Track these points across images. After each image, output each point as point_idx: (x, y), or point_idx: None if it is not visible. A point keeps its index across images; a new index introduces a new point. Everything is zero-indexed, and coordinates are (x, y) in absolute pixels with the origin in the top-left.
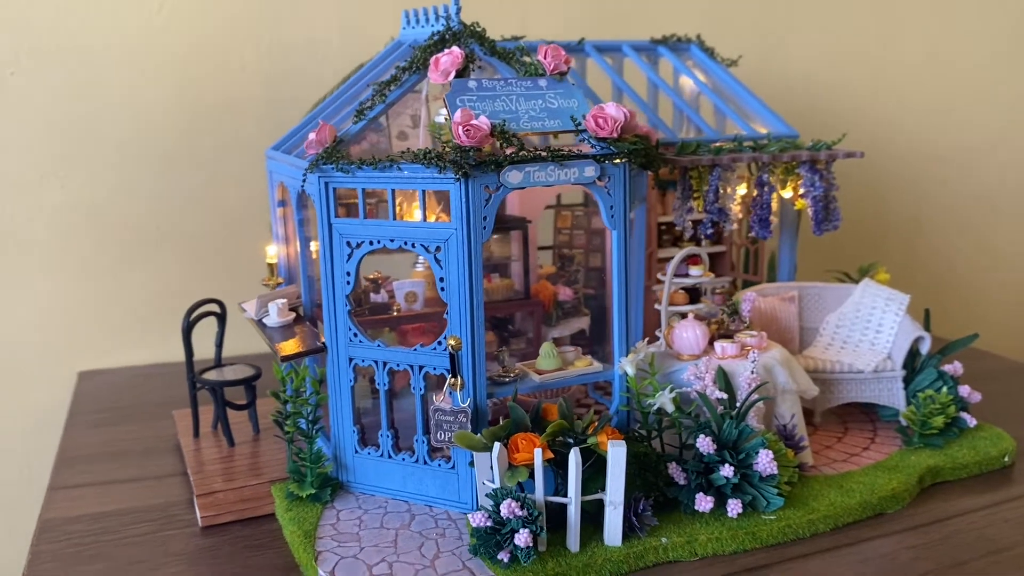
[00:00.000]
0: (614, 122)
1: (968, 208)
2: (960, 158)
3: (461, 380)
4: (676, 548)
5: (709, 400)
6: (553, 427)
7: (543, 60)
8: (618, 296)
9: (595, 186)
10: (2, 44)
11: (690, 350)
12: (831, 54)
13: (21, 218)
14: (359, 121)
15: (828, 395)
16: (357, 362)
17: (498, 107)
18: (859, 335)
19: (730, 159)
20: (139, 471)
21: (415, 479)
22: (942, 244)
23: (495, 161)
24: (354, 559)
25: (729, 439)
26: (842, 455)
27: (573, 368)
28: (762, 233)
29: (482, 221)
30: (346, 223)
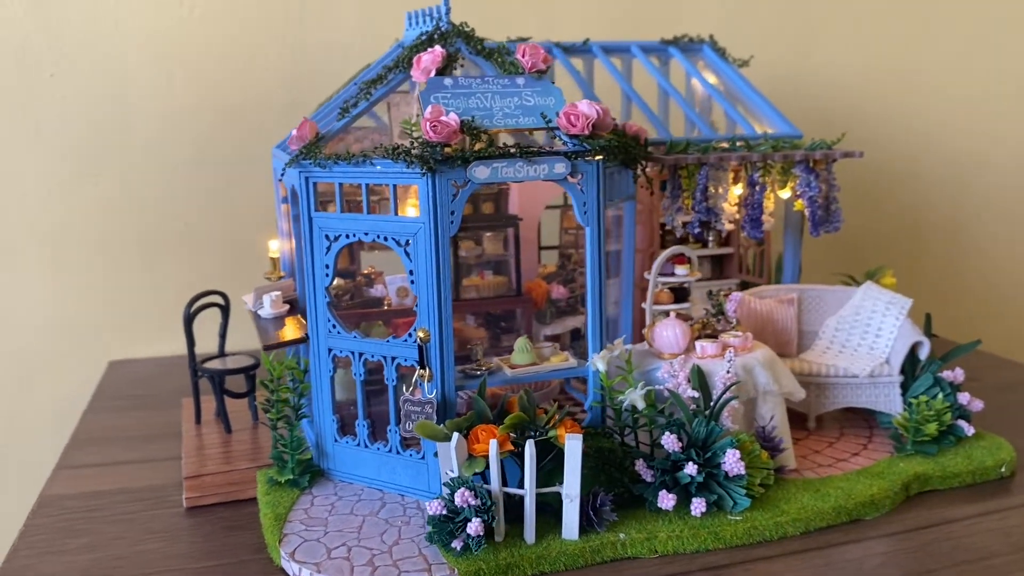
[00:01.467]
0: (586, 119)
1: (1001, 212)
2: (997, 162)
3: (429, 371)
4: (635, 544)
5: (680, 398)
6: (511, 419)
7: (521, 59)
8: (591, 292)
9: (567, 183)
10: (42, 47)
11: (670, 348)
12: (858, 61)
13: (60, 214)
14: (343, 119)
15: (823, 400)
16: (336, 353)
17: (472, 104)
18: (858, 339)
19: (717, 158)
20: (142, 454)
21: (388, 468)
22: (971, 249)
23: (461, 156)
24: (316, 542)
25: (697, 438)
26: (829, 460)
27: (547, 363)
28: (753, 233)
29: (449, 216)
30: (324, 217)
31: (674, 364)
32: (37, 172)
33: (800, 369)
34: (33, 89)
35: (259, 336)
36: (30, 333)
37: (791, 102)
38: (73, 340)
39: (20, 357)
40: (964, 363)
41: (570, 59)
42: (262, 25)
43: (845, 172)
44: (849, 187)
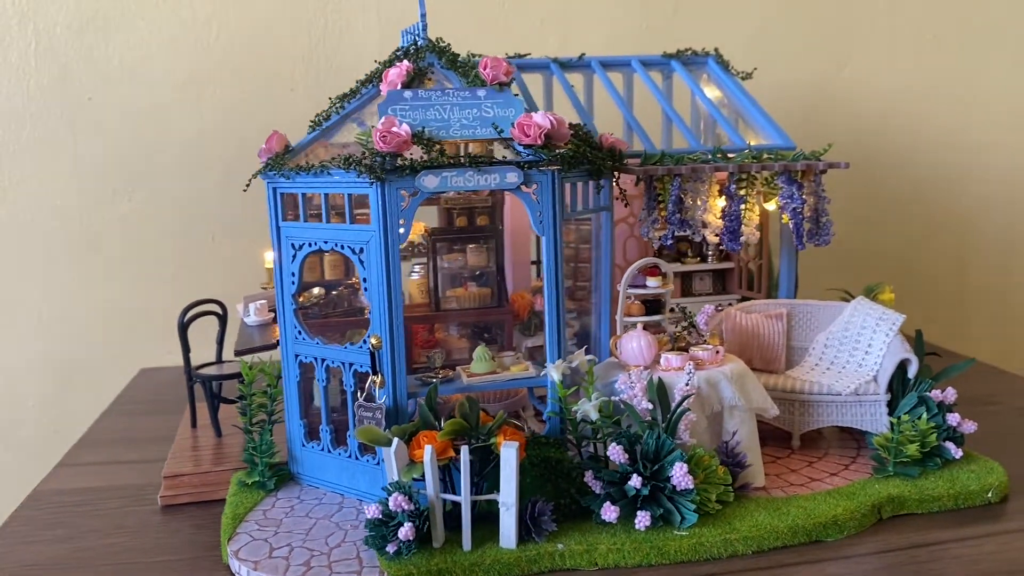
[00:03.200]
0: (539, 129)
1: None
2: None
3: (381, 377)
4: (574, 556)
5: (634, 409)
6: (450, 425)
7: (483, 72)
8: (549, 302)
9: (521, 192)
10: (82, 72)
11: (635, 360)
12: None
13: (97, 228)
14: (313, 131)
15: (807, 418)
16: (302, 358)
17: (430, 116)
18: (847, 356)
19: (689, 169)
20: (140, 455)
21: (348, 473)
22: (985, 267)
23: (410, 166)
24: (263, 541)
25: (648, 450)
26: (803, 479)
27: (506, 372)
28: (731, 246)
29: (399, 224)
30: (290, 226)
31: (632, 375)
32: (77, 188)
33: (784, 386)
34: (74, 111)
35: (237, 341)
36: (70, 341)
37: (820, 115)
38: (109, 348)
39: (59, 364)
40: (985, 385)
41: (569, 75)
42: (285, 46)
43: (864, 186)
44: (869, 201)
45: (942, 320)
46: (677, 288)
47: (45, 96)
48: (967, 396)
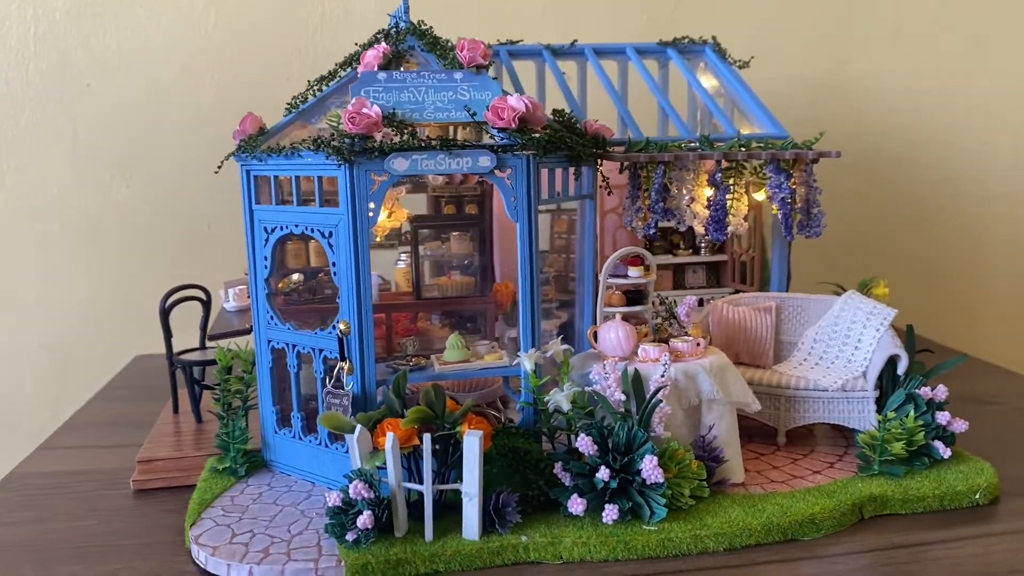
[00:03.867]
0: (513, 112)
1: None
2: None
3: (349, 364)
4: (538, 549)
5: (607, 400)
6: (414, 413)
7: (460, 54)
8: (523, 289)
9: (495, 177)
10: (80, 59)
11: (613, 351)
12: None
13: (94, 215)
14: (289, 114)
15: (792, 414)
16: (274, 344)
17: (403, 98)
18: (836, 351)
19: (673, 156)
20: (121, 440)
21: (319, 461)
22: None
23: (378, 148)
24: (226, 527)
25: (618, 442)
26: (785, 476)
27: (479, 361)
28: (716, 236)
29: (368, 208)
30: (263, 209)
31: (606, 366)
32: (74, 174)
33: (770, 381)
34: (72, 97)
35: (212, 327)
36: (66, 327)
37: (825, 108)
38: (105, 334)
39: (56, 349)
40: (989, 383)
41: (564, 62)
42: (283, 34)
43: (871, 179)
44: (875, 194)
45: (950, 317)
46: (669, 280)
47: (44, 81)
48: (968, 394)
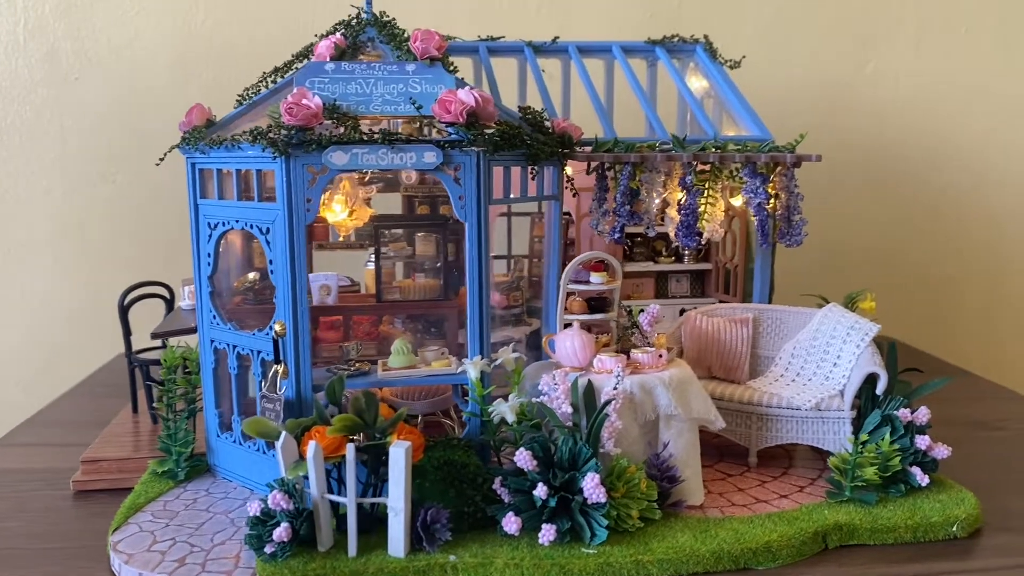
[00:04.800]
0: (461, 106)
1: None
2: None
3: (284, 367)
4: (467, 569)
5: (554, 413)
6: (341, 421)
7: (412, 45)
8: (472, 294)
9: (442, 174)
10: (68, 51)
11: (569, 361)
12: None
13: (81, 210)
14: (239, 106)
15: (764, 433)
16: (216, 344)
17: (350, 90)
18: (814, 367)
19: (639, 157)
20: (78, 438)
21: (257, 468)
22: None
23: (316, 140)
24: (149, 534)
25: (561, 458)
26: (749, 500)
27: (426, 368)
28: (686, 242)
29: (305, 203)
30: (208, 204)
31: (556, 376)
32: (61, 169)
33: (742, 397)
34: (59, 91)
35: (161, 324)
36: (53, 323)
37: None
38: (91, 331)
39: (42, 346)
40: (997, 407)
41: (549, 60)
42: (272, 30)
43: (886, 184)
44: (887, 203)
45: (969, 338)
46: (651, 288)
47: (33, 75)
48: (973, 418)
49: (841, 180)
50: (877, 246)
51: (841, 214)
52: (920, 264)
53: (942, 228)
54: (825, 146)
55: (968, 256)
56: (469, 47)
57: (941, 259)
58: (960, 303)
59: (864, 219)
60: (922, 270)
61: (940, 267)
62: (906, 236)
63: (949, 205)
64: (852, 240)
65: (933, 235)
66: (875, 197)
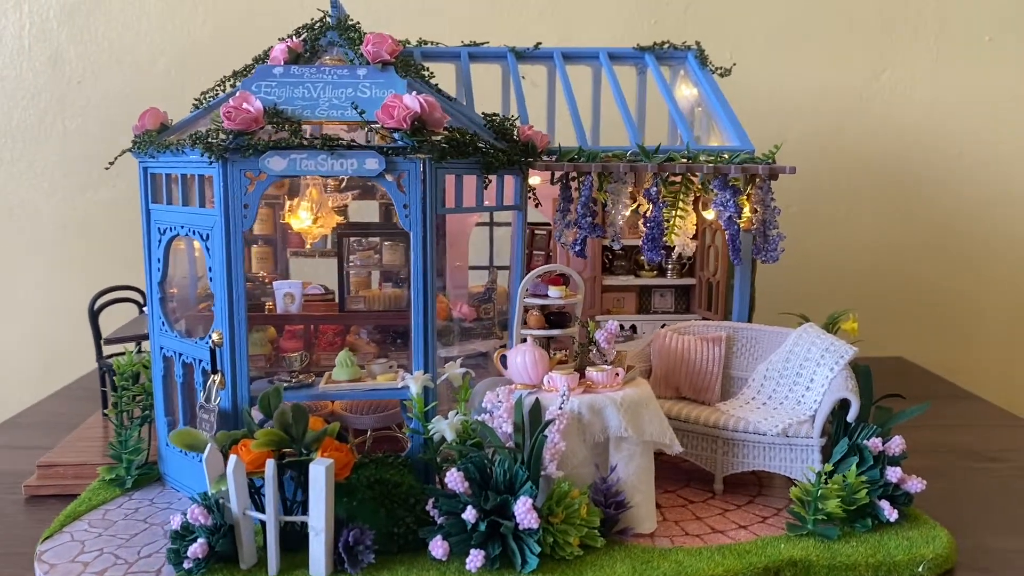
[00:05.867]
0: (405, 111)
1: None
2: None
3: (221, 377)
4: None
5: (494, 432)
6: (265, 435)
7: (365, 49)
8: (416, 305)
9: (385, 181)
10: (72, 56)
11: (520, 378)
12: None
13: (83, 212)
14: (196, 110)
15: (731, 459)
16: (165, 352)
17: (297, 94)
18: (787, 390)
19: (600, 166)
20: (47, 441)
21: (200, 479)
22: None
23: (253, 145)
24: (79, 544)
25: (496, 480)
26: (704, 529)
27: (371, 382)
28: (651, 256)
29: (243, 209)
30: (158, 209)
31: (499, 393)
32: (64, 171)
33: (708, 420)
34: (63, 94)
35: (117, 330)
36: (53, 325)
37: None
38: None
39: (42, 347)
40: (998, 437)
41: (534, 66)
42: (271, 32)
43: (898, 198)
44: (894, 213)
45: (979, 357)
46: (633, 303)
47: (37, 79)
48: (971, 448)
49: (852, 193)
50: (888, 262)
51: (851, 229)
52: (934, 282)
53: (958, 244)
54: (835, 158)
55: (986, 275)
56: (451, 53)
57: (957, 277)
58: (978, 324)
59: (875, 233)
60: (936, 288)
61: (955, 286)
62: (920, 252)
63: (966, 221)
64: (862, 256)
65: (948, 251)
66: (887, 211)
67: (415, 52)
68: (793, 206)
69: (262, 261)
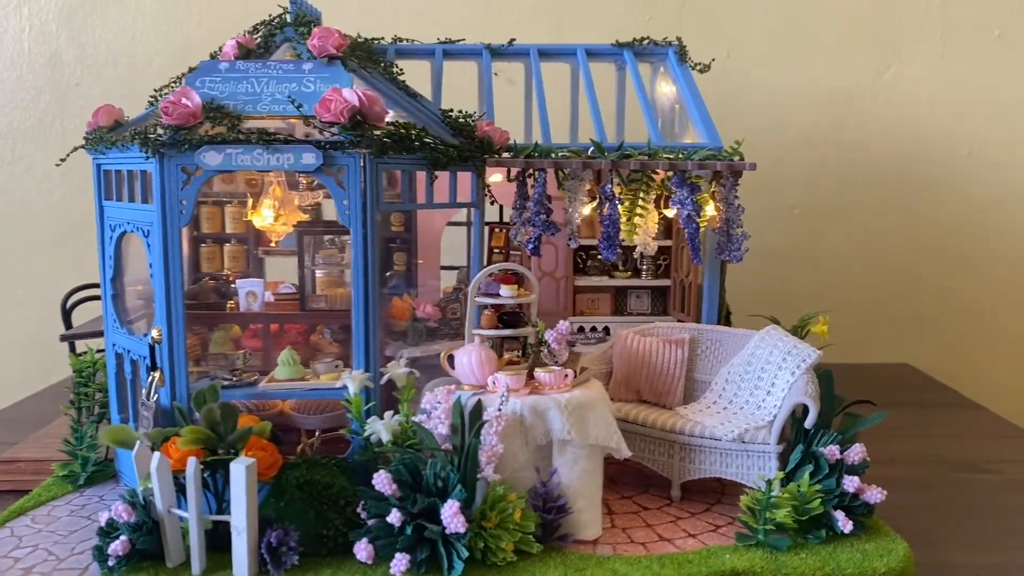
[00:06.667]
0: (341, 105)
1: None
2: None
3: (160, 374)
4: None
5: (430, 433)
6: (190, 433)
7: (311, 43)
8: (357, 303)
9: (324, 176)
10: (71, 58)
11: (467, 378)
12: None
13: (83, 214)
14: (151, 106)
15: (688, 465)
16: (117, 348)
17: (240, 89)
18: (747, 394)
19: (552, 163)
20: (16, 437)
21: None
22: None
23: (188, 140)
24: (17, 539)
25: (428, 483)
26: (652, 538)
27: (313, 381)
28: (606, 255)
29: (179, 205)
30: (109, 206)
31: (438, 393)
32: (63, 171)
33: (665, 424)
34: (62, 96)
35: (80, 326)
36: (52, 325)
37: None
38: None
39: (41, 347)
40: (997, 448)
41: (511, 63)
42: None
43: (906, 199)
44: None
45: (991, 365)
46: (608, 304)
47: (37, 81)
48: (959, 458)
49: (855, 194)
50: (894, 265)
51: (855, 230)
52: (941, 286)
53: (967, 247)
54: (836, 158)
55: (996, 279)
56: (426, 50)
57: (965, 282)
58: (987, 331)
59: (880, 235)
60: (944, 293)
61: (964, 290)
62: (927, 255)
63: (976, 224)
64: (867, 259)
65: (957, 255)
66: (893, 212)
67: (389, 50)
68: (796, 207)
69: (234, 260)
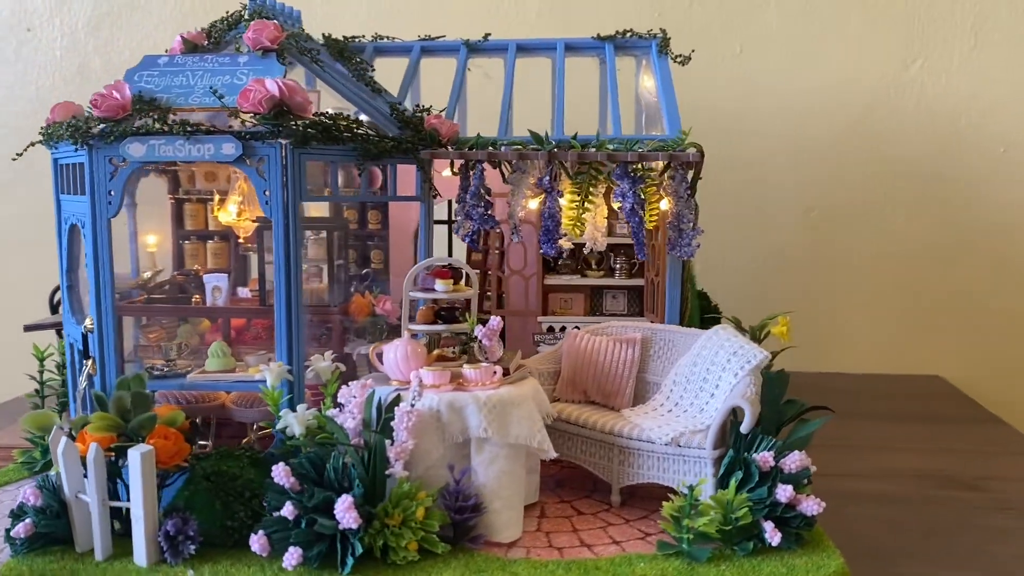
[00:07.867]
0: (260, 95)
1: None
2: None
3: (92, 363)
4: None
5: (340, 428)
6: (99, 420)
7: (246, 36)
8: (280, 296)
9: (245, 166)
10: (98, 66)
11: (393, 373)
12: None
13: None
14: None
15: (627, 469)
16: (70, 339)
17: (175, 82)
18: (692, 397)
19: (487, 154)
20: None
21: None
22: None
23: (113, 132)
24: None
25: (330, 477)
26: (572, 543)
27: (239, 373)
28: (546, 250)
29: (107, 196)
30: (64, 200)
31: (352, 387)
32: None
33: (604, 426)
34: None
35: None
36: None
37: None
38: None
39: None
40: (997, 464)
41: (491, 59)
42: None
43: (930, 197)
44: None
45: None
46: (582, 304)
47: (68, 87)
48: (951, 474)
49: (882, 195)
50: (925, 270)
51: (883, 233)
52: (977, 293)
53: (1000, 251)
54: (860, 156)
55: None
56: (404, 47)
57: (1002, 288)
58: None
59: (910, 238)
60: (979, 301)
61: (1001, 298)
62: (962, 259)
63: (1010, 225)
64: (895, 263)
65: (992, 260)
66: (924, 214)
67: (368, 47)
68: (814, 209)
69: (216, 256)
